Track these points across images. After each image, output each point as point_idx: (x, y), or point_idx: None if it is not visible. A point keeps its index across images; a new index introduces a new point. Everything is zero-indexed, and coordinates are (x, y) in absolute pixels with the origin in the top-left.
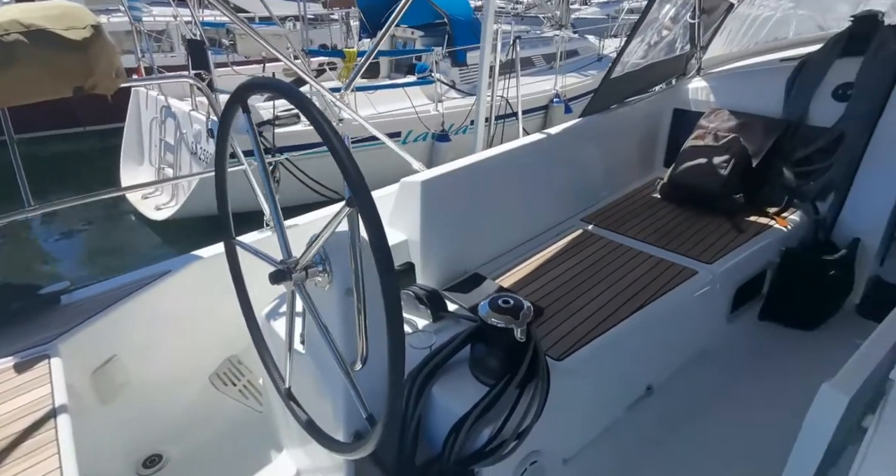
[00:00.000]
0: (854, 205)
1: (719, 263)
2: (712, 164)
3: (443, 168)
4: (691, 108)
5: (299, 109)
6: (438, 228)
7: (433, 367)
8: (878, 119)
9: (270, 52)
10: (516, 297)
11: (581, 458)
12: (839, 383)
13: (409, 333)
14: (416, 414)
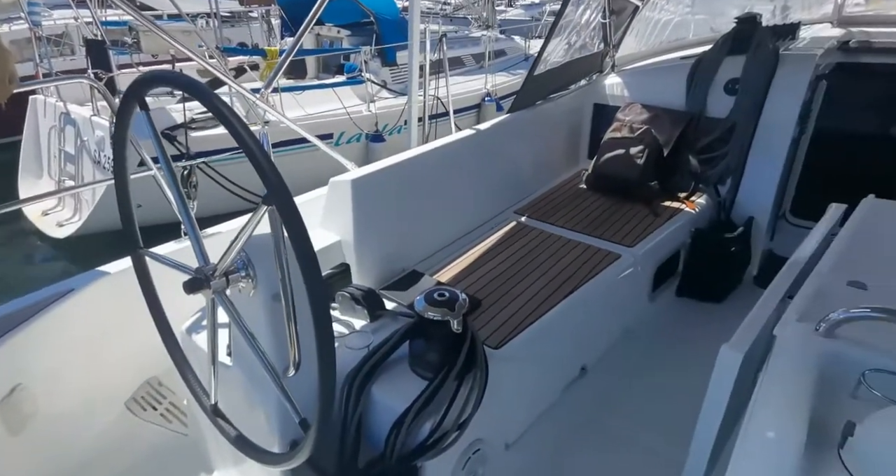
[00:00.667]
0: (747, 187)
1: (639, 246)
2: (629, 154)
3: (373, 166)
4: (609, 103)
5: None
6: (372, 227)
7: (371, 367)
8: (761, 111)
9: (178, 49)
10: (451, 289)
11: (523, 443)
12: (734, 344)
13: (345, 335)
14: (356, 415)
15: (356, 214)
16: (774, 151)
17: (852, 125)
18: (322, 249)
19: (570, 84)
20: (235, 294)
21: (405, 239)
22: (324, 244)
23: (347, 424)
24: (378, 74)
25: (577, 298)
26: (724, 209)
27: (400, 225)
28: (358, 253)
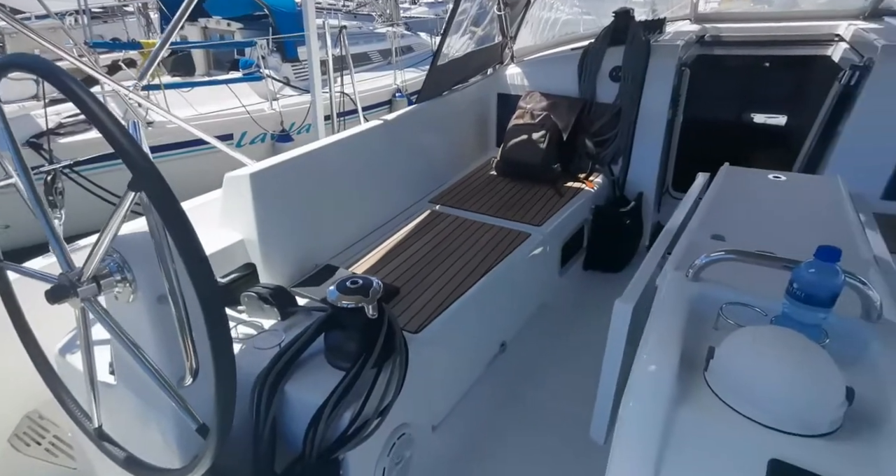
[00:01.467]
0: (635, 165)
1: (546, 224)
2: (532, 139)
3: (272, 160)
4: (511, 92)
5: (47, 79)
6: (277, 224)
7: (284, 365)
8: (641, 96)
9: (45, 46)
10: (365, 277)
11: (449, 422)
12: (625, 298)
13: (253, 336)
14: (269, 417)
15: (258, 211)
16: (654, 133)
17: (713, 107)
18: (223, 250)
19: (474, 75)
20: (112, 302)
21: (315, 234)
22: (225, 244)
23: (260, 428)
24: (279, 71)
25: (492, 278)
26: (619, 187)
27: (308, 220)
28: (264, 251)
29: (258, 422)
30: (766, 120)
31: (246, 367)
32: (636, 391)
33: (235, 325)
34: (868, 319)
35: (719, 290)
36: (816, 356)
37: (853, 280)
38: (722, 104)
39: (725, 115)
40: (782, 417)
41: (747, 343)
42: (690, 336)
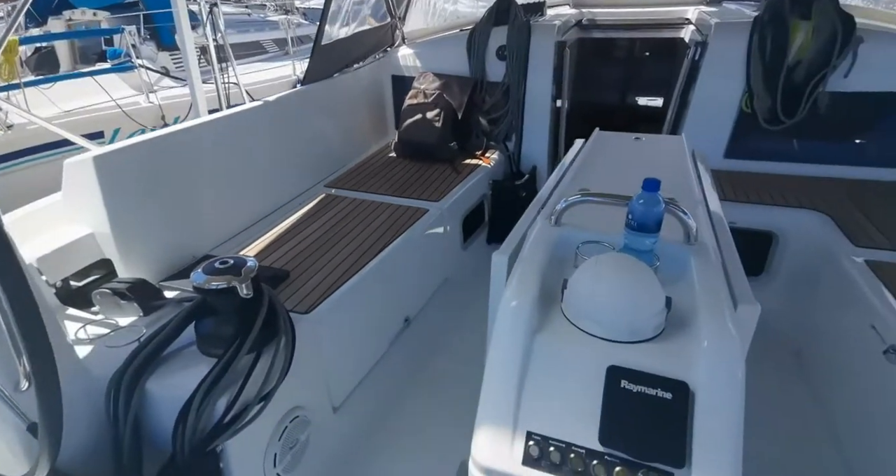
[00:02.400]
0: (527, 140)
1: (444, 200)
2: (427, 118)
3: (123, 142)
4: (405, 74)
5: None
6: (136, 213)
7: (143, 362)
8: (527, 74)
9: None
10: (238, 256)
11: (353, 401)
12: (502, 250)
13: (105, 334)
14: (129, 419)
15: (108, 200)
16: (541, 108)
17: (593, 83)
18: (67, 246)
19: (365, 57)
20: None
21: (191, 223)
22: (72, 239)
23: (121, 431)
24: (155, 60)
25: (389, 255)
26: (514, 161)
27: (180, 208)
28: (121, 244)
29: (117, 425)
30: (647, 102)
31: (97, 369)
32: (500, 324)
33: (84, 326)
34: (688, 243)
35: (576, 232)
36: (641, 274)
37: (675, 209)
38: (600, 80)
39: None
40: (616, 329)
41: (588, 271)
42: (554, 275)
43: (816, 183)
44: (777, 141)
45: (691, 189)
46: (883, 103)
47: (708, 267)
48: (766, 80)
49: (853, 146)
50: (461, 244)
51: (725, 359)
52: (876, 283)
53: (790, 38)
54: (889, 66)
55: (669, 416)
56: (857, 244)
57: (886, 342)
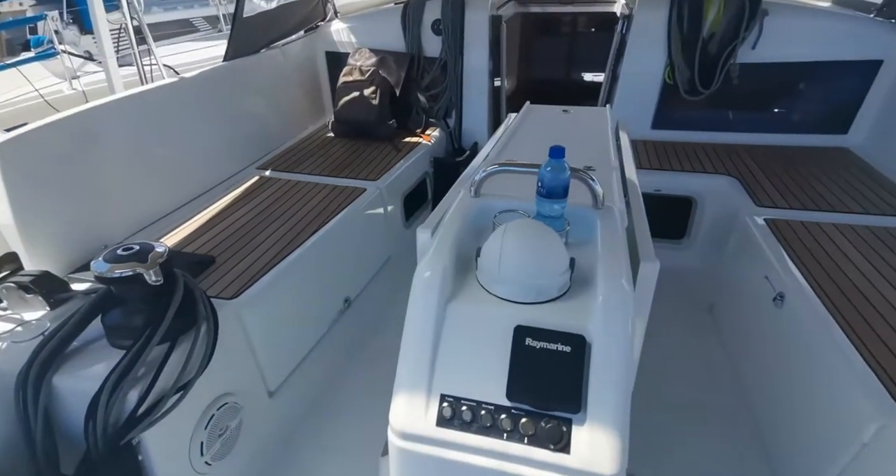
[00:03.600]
0: (467, 117)
1: (383, 179)
2: (364, 96)
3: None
4: (339, 50)
5: None
6: (45, 202)
7: (49, 355)
8: (463, 49)
9: None
10: (144, 242)
11: (289, 386)
12: (426, 224)
13: (10, 330)
14: (39, 415)
15: (10, 190)
16: (479, 84)
17: (538, 59)
18: None
19: (295, 30)
20: None
21: (103, 211)
22: None
23: (32, 427)
24: (78, 45)
25: (325, 236)
26: (455, 138)
27: (89, 194)
28: (27, 236)
29: (27, 422)
30: (592, 78)
31: (4, 366)
32: (414, 295)
33: None
34: (595, 207)
35: (493, 202)
36: (546, 238)
37: (583, 176)
38: (539, 54)
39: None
40: (523, 291)
41: (497, 238)
42: (473, 244)
43: (732, 149)
44: (697, 111)
45: (608, 157)
46: (787, 73)
47: (612, 229)
48: (685, 53)
49: (762, 114)
50: (403, 223)
51: (617, 311)
52: (771, 239)
53: (704, 11)
54: (791, 37)
55: (568, 368)
56: (760, 205)
57: (775, 290)
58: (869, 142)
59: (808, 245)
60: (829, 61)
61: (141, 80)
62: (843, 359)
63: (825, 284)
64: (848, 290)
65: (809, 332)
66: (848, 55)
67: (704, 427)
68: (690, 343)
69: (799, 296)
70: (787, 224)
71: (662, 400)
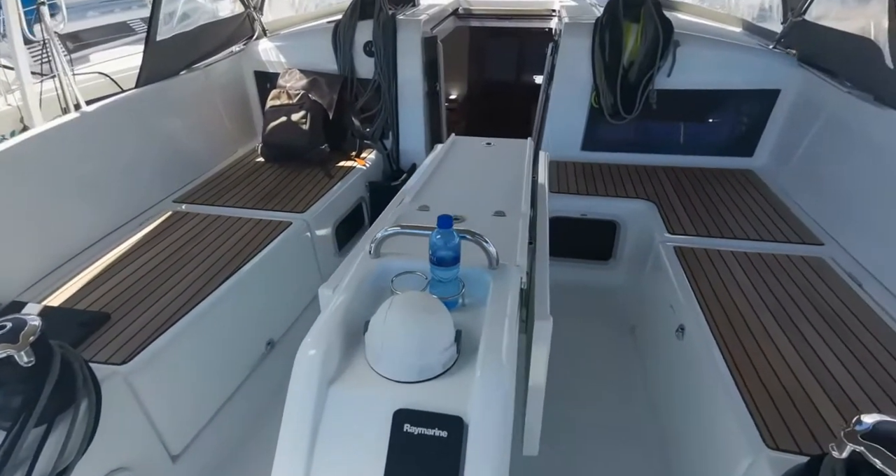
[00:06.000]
0: (404, 138)
1: (313, 209)
2: (293, 120)
3: None
4: (269, 70)
5: None
6: None
7: None
8: (396, 70)
9: None
10: (16, 317)
11: (198, 446)
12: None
13: None
14: None
15: None
16: (414, 105)
17: (481, 71)
18: None
19: (219, 51)
20: None
21: None
22: None
23: None
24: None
25: (242, 277)
26: (393, 160)
27: None
28: None
29: None
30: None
31: None
32: (296, 374)
33: None
34: (490, 267)
35: (393, 262)
36: (430, 314)
37: (477, 239)
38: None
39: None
40: (406, 370)
41: (381, 313)
42: (372, 308)
43: (653, 172)
44: (622, 134)
45: (518, 201)
46: (699, 99)
47: (503, 291)
48: (608, 79)
49: (680, 138)
50: (336, 252)
51: (492, 387)
52: (678, 267)
53: (624, 40)
54: (701, 66)
55: (444, 454)
56: (670, 231)
57: (678, 321)
58: (769, 165)
59: (708, 274)
60: (734, 89)
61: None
62: (726, 393)
63: (718, 317)
64: (736, 321)
65: (701, 364)
66: (750, 84)
67: (615, 450)
68: (612, 364)
69: (696, 329)
70: (692, 251)
71: (577, 421)
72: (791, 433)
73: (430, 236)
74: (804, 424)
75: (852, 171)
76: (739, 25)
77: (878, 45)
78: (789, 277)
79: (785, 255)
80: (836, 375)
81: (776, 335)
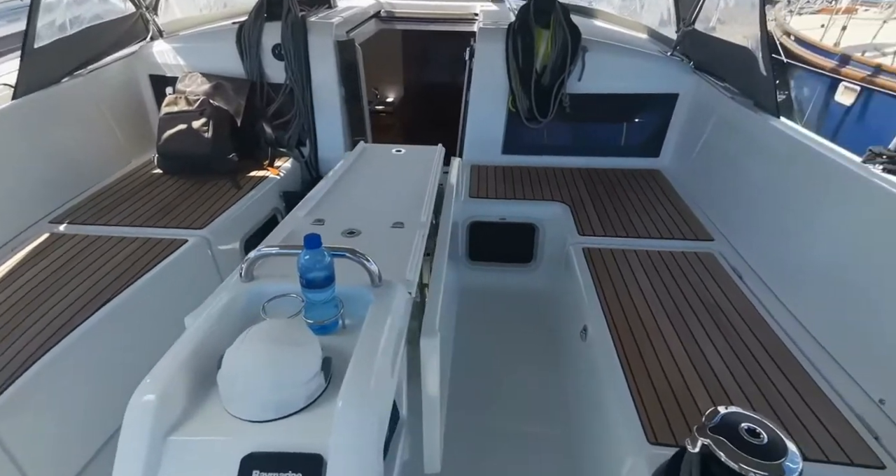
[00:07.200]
0: (323, 144)
1: (214, 225)
2: (193, 128)
3: None
4: (166, 73)
5: None
6: None
7: None
8: (310, 74)
9: None
10: None
11: None
12: (195, 313)
13: None
14: None
15: None
16: (331, 110)
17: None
18: None
19: (107, 54)
20: None
21: None
22: None
23: None
24: None
25: (123, 303)
26: (312, 167)
27: None
28: None
29: None
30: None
31: None
32: (127, 421)
33: None
34: (373, 285)
35: (265, 286)
36: (288, 342)
37: (358, 257)
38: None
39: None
40: (259, 408)
41: (235, 348)
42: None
43: (569, 174)
44: (540, 138)
45: (421, 210)
46: (609, 103)
47: (385, 309)
48: (522, 83)
49: (593, 140)
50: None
51: (355, 417)
52: (585, 268)
53: (536, 46)
54: (609, 71)
55: None
56: (581, 232)
57: (582, 322)
58: (672, 165)
59: (612, 274)
60: (639, 93)
61: None
62: (619, 393)
63: (617, 317)
64: (633, 321)
65: (600, 365)
66: (653, 88)
67: (524, 458)
68: (529, 369)
69: (597, 329)
70: (599, 253)
71: (491, 430)
72: (671, 429)
73: (298, 257)
74: (684, 420)
75: (736, 172)
76: (645, 32)
77: (754, 53)
78: (682, 274)
79: (681, 252)
80: (715, 370)
81: (668, 333)
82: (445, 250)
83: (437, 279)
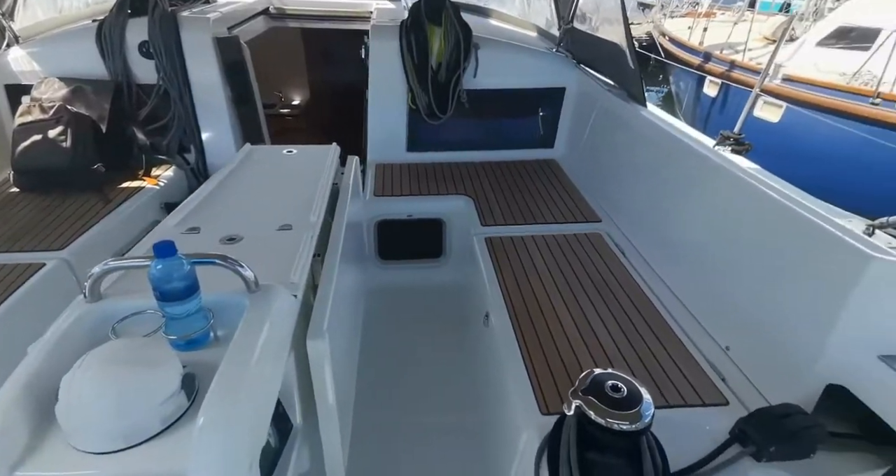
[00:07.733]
0: (210, 149)
1: (76, 245)
2: (49, 138)
3: None
4: (23, 82)
5: None
6: None
7: None
8: (187, 73)
9: None
10: None
11: None
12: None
13: None
14: None
15: None
16: (216, 111)
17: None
18: None
19: None
20: None
21: None
22: None
23: None
24: None
25: None
26: (199, 174)
27: None
28: None
29: None
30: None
31: None
32: None
33: None
34: (249, 291)
35: (116, 304)
36: (136, 362)
37: (230, 264)
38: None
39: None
40: (104, 438)
41: (72, 372)
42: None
43: (472, 168)
44: (442, 134)
45: (311, 211)
46: (504, 97)
47: (261, 316)
48: (419, 80)
49: (493, 134)
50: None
51: (219, 435)
52: (486, 256)
53: (430, 43)
54: (501, 67)
55: None
56: (483, 223)
57: (484, 309)
58: (565, 154)
59: (512, 260)
60: (531, 88)
61: None
62: (517, 372)
63: (516, 301)
64: (530, 303)
65: (500, 349)
66: (543, 83)
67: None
68: (442, 361)
69: (498, 315)
70: (500, 241)
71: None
72: (561, 399)
73: (149, 269)
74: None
75: (618, 158)
76: (534, 30)
77: (623, 48)
78: (574, 254)
79: (573, 235)
80: (601, 340)
81: (560, 310)
82: (338, 250)
83: (327, 279)
